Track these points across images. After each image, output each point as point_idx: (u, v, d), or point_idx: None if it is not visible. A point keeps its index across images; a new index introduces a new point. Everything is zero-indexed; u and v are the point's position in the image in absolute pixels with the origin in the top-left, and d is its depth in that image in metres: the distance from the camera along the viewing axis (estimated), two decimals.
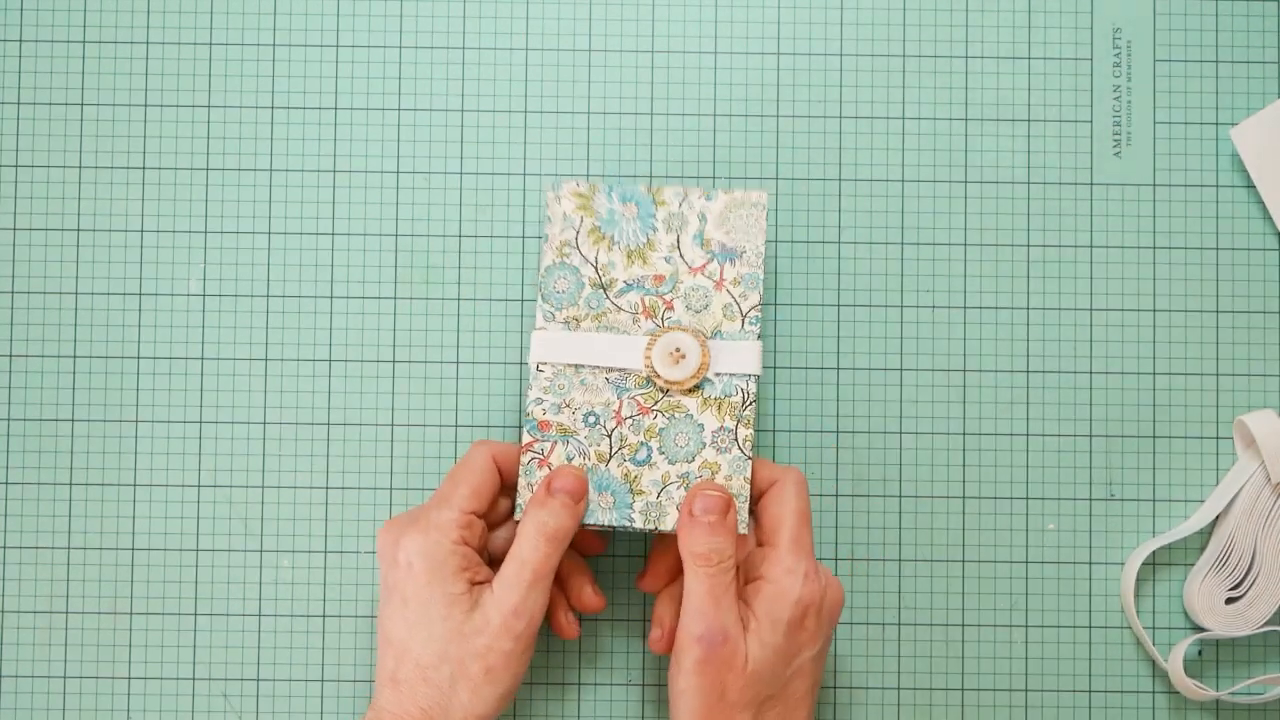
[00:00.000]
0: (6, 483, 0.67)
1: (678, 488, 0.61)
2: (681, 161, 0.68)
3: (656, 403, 0.62)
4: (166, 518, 0.67)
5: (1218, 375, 0.68)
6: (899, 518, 0.67)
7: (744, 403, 0.62)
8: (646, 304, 0.63)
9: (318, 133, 0.68)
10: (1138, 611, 0.67)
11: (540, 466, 0.62)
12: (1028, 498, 0.67)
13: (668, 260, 0.63)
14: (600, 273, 0.63)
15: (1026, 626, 0.67)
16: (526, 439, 0.62)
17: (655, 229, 0.63)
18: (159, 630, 0.67)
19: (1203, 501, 0.67)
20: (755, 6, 0.68)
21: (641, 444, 0.62)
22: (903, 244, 0.68)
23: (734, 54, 0.68)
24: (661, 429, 0.62)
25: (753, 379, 0.62)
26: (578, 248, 0.63)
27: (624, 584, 0.67)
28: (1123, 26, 0.69)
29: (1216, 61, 0.68)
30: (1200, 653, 0.67)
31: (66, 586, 0.67)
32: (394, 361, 0.67)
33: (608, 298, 0.63)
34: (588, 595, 0.64)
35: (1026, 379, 0.68)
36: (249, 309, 0.67)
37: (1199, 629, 0.67)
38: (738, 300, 0.63)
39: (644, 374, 0.62)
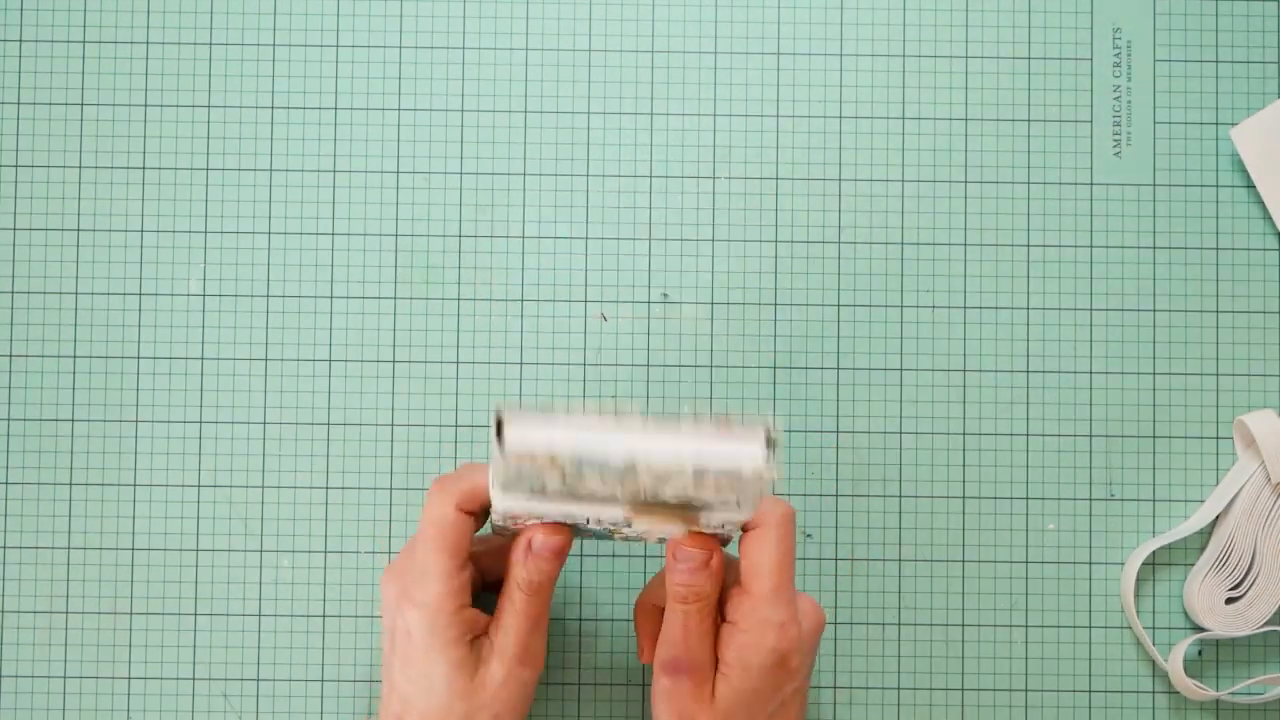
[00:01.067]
0: (6, 483, 0.67)
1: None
2: (681, 161, 0.68)
3: (643, 533, 0.57)
4: (166, 518, 0.67)
5: (1218, 375, 0.68)
6: (899, 518, 0.67)
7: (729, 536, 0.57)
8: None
9: (318, 133, 0.68)
10: (1138, 611, 0.67)
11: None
12: (1028, 498, 0.67)
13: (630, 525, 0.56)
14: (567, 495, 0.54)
15: (1026, 626, 0.67)
16: (498, 522, 0.57)
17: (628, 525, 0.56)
18: (159, 630, 0.67)
19: (1203, 501, 0.67)
20: (755, 6, 0.68)
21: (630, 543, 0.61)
22: (903, 244, 0.68)
23: (734, 54, 0.68)
24: (643, 530, 0.57)
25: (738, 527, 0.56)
26: (546, 494, 0.53)
27: (623, 584, 0.67)
28: (1123, 26, 0.69)
29: (1216, 61, 0.68)
30: (1200, 653, 0.67)
31: (66, 586, 0.67)
32: (394, 361, 0.67)
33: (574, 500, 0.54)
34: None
35: (1026, 379, 0.68)
36: (249, 309, 0.67)
37: (1199, 629, 0.67)
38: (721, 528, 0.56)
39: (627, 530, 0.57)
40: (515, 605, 0.58)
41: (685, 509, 0.54)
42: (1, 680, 0.67)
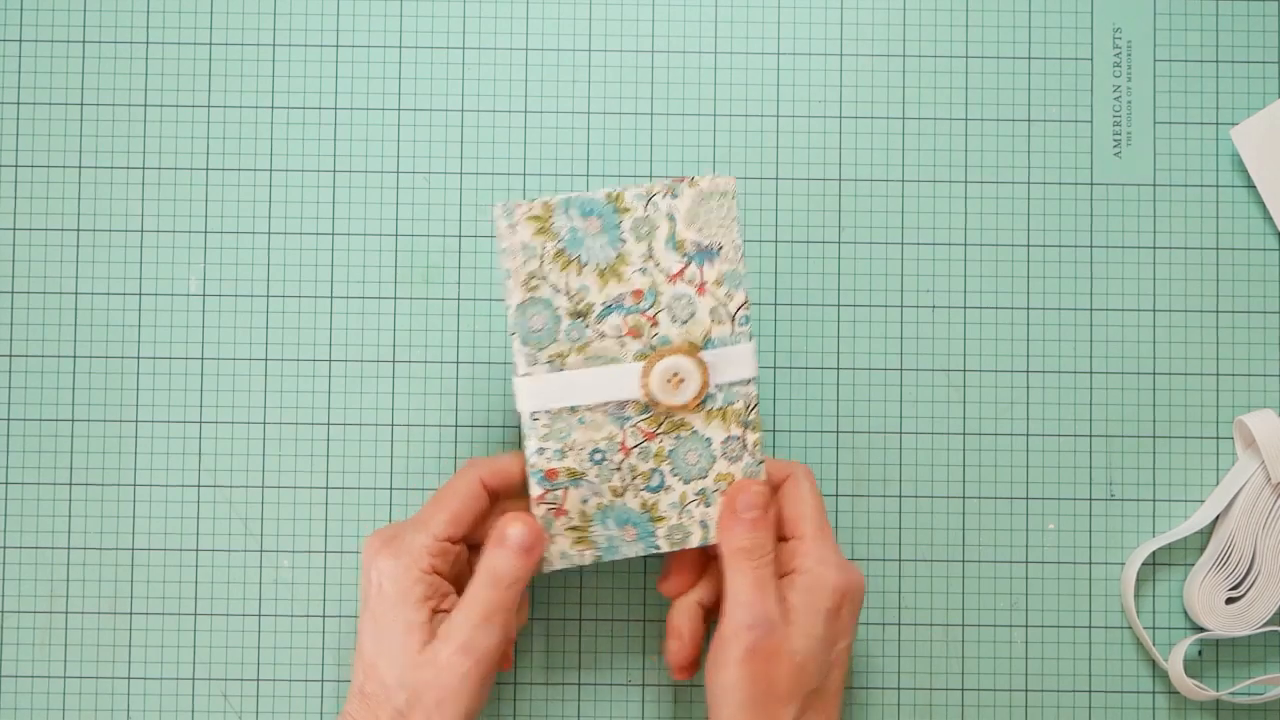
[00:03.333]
0: (6, 483, 0.67)
1: (697, 505, 0.60)
2: (681, 162, 0.68)
3: (660, 425, 0.60)
4: (166, 518, 0.67)
5: (1218, 375, 0.68)
6: (899, 518, 0.67)
7: (747, 408, 0.60)
8: (630, 324, 0.59)
9: (318, 133, 0.68)
10: (1138, 611, 0.67)
11: (558, 516, 0.60)
12: (1028, 498, 0.67)
13: (643, 272, 0.59)
14: (574, 300, 0.59)
15: (1026, 626, 0.67)
16: (537, 491, 0.60)
17: (623, 240, 0.59)
18: (159, 630, 0.67)
19: (1203, 501, 0.67)
20: (755, 6, 0.68)
21: (653, 470, 0.60)
22: (903, 244, 0.68)
23: (734, 54, 0.68)
24: (670, 450, 0.60)
25: (753, 382, 0.60)
26: (545, 278, 0.59)
27: (623, 584, 0.67)
28: (1123, 26, 0.69)
29: (1216, 61, 0.68)
30: (1200, 653, 0.67)
31: (66, 586, 0.67)
32: (394, 361, 0.67)
33: (588, 325, 0.59)
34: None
35: (1026, 379, 0.68)
36: (249, 309, 0.67)
37: (1199, 629, 0.67)
38: (723, 302, 0.59)
39: (643, 401, 0.59)
40: (472, 591, 0.58)
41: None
42: (1, 680, 0.67)
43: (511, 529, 0.59)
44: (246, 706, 0.67)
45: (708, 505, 0.60)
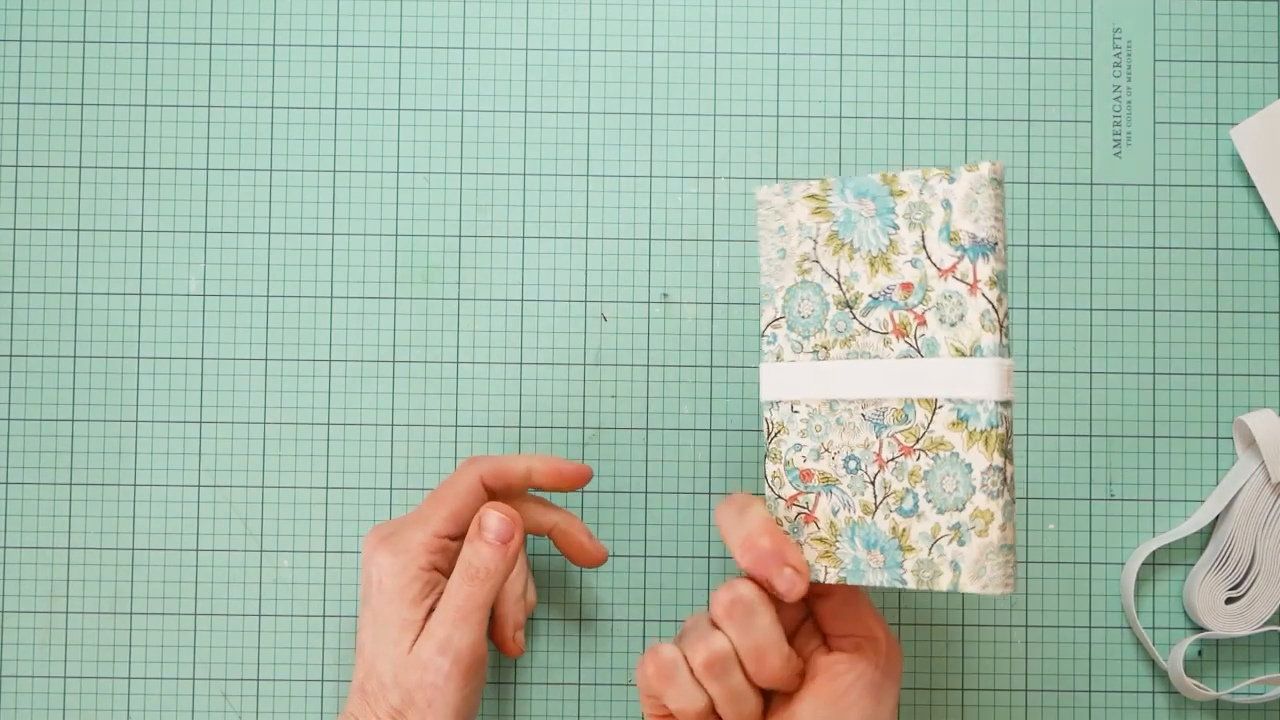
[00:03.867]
0: (6, 483, 0.67)
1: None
2: (681, 162, 0.68)
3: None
4: (166, 518, 0.67)
5: (1218, 375, 0.68)
6: None
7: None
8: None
9: (318, 133, 0.68)
10: (1138, 611, 0.67)
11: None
12: (1028, 498, 0.67)
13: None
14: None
15: (1026, 626, 0.67)
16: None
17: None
18: (159, 630, 0.67)
19: (1203, 501, 0.67)
20: (755, 6, 0.68)
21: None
22: None
23: (734, 54, 0.68)
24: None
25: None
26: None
27: (623, 584, 0.67)
28: (1123, 26, 0.69)
29: (1216, 61, 0.68)
30: (1200, 653, 0.67)
31: (66, 586, 0.67)
32: (394, 361, 0.67)
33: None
34: (585, 549, 0.63)
35: (1027, 379, 0.68)
36: (249, 309, 0.67)
37: (1199, 629, 0.67)
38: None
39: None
40: (450, 587, 0.58)
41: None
42: (1, 680, 0.67)
43: (489, 519, 0.58)
44: (246, 706, 0.67)
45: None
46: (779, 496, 0.56)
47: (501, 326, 0.67)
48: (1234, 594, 0.66)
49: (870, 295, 0.54)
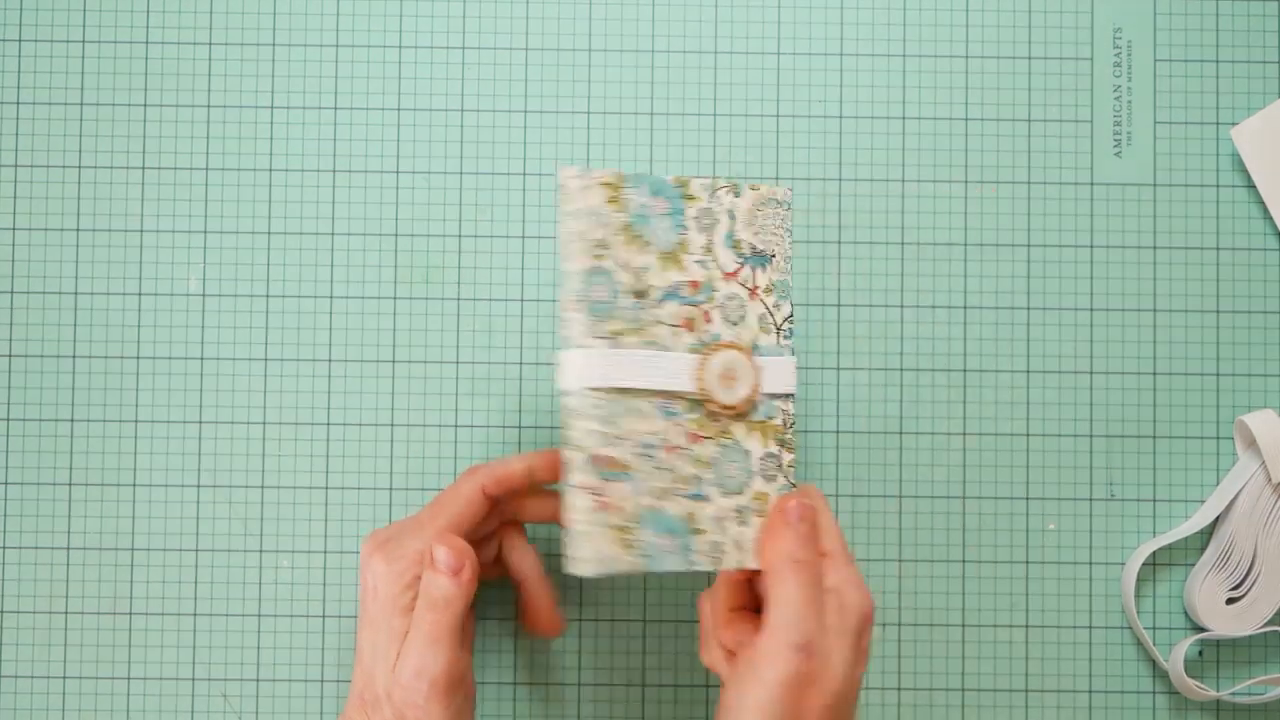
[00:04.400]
0: (6, 483, 0.67)
1: (734, 523, 0.57)
2: (681, 162, 0.68)
3: (706, 429, 0.57)
4: (166, 518, 0.67)
5: (1218, 375, 0.68)
6: (899, 518, 0.67)
7: (785, 425, 0.58)
8: (685, 315, 0.57)
9: (318, 133, 0.68)
10: (1138, 611, 0.67)
11: (601, 510, 0.55)
12: (1028, 498, 0.67)
13: (702, 264, 0.57)
14: (636, 278, 0.56)
15: (1027, 626, 0.67)
16: (580, 479, 0.55)
17: (687, 228, 0.57)
18: (159, 630, 0.67)
19: (1203, 501, 0.67)
20: (755, 6, 0.68)
21: (695, 476, 0.56)
22: (903, 244, 0.68)
23: (734, 54, 0.68)
24: (713, 458, 0.57)
25: (791, 400, 0.58)
26: (610, 248, 0.56)
27: (624, 584, 0.67)
28: (1123, 26, 0.69)
29: (1217, 61, 0.68)
30: (1200, 653, 0.67)
31: (66, 586, 0.67)
32: (394, 361, 0.67)
33: (646, 307, 0.56)
34: (543, 616, 0.63)
35: (1026, 379, 0.68)
36: (249, 309, 0.67)
37: (1199, 629, 0.67)
38: (771, 311, 0.58)
39: (694, 397, 0.56)
40: (416, 616, 0.58)
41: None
42: (1, 680, 0.67)
43: (438, 552, 0.58)
44: (246, 706, 0.67)
45: (743, 525, 0.57)
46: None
47: (501, 326, 0.67)
48: (1234, 594, 0.66)
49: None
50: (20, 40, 0.68)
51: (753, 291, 0.58)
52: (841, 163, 0.68)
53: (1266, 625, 0.66)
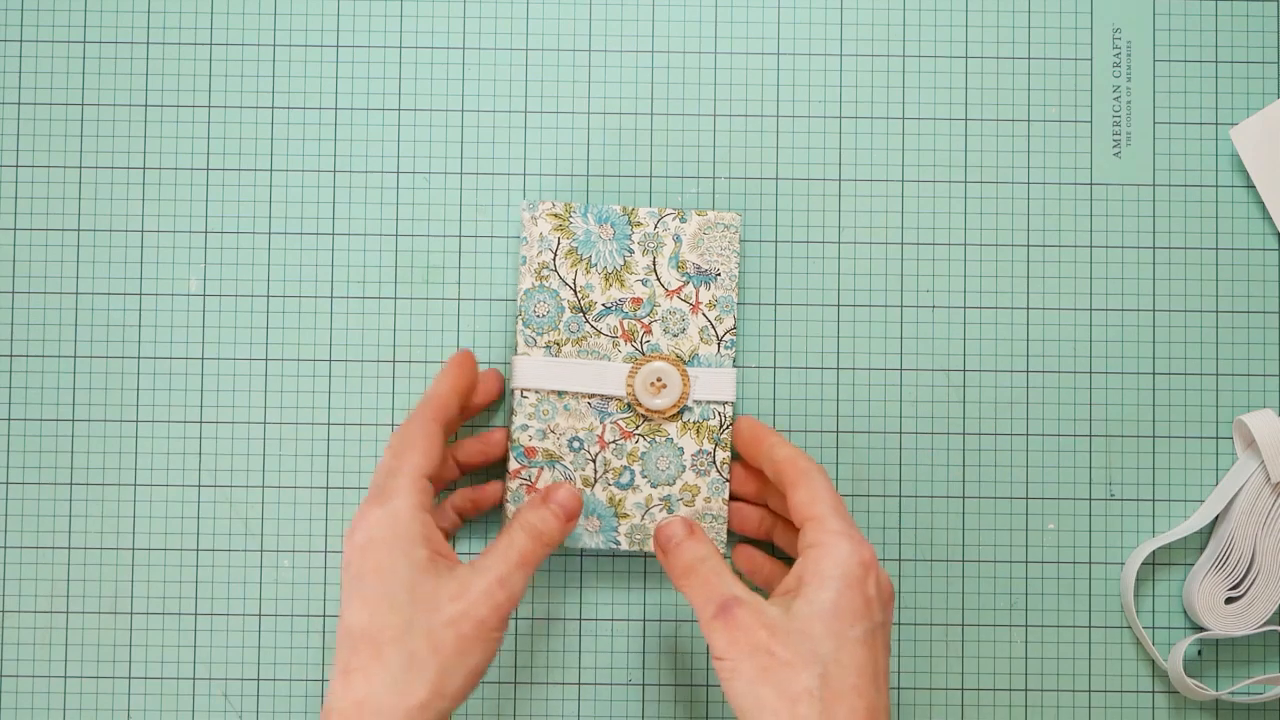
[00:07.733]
0: (6, 483, 0.67)
1: (660, 509, 0.64)
2: (681, 162, 0.68)
3: (638, 427, 0.64)
4: (166, 518, 0.67)
5: (1218, 375, 0.68)
6: (899, 518, 0.67)
7: (721, 426, 0.64)
8: (625, 327, 0.64)
9: (318, 133, 0.68)
10: (1138, 611, 0.67)
11: (528, 492, 0.64)
12: (1028, 498, 0.67)
13: (644, 283, 0.64)
14: (579, 295, 0.64)
15: (1026, 626, 0.67)
16: (514, 465, 0.64)
17: (632, 250, 0.64)
18: (159, 630, 0.67)
19: (1203, 501, 0.67)
20: (755, 6, 0.68)
21: (625, 468, 0.64)
22: (903, 244, 0.68)
23: (734, 54, 0.68)
24: (643, 453, 0.64)
25: (730, 405, 0.64)
26: (555, 270, 0.64)
27: (623, 584, 0.67)
28: (1123, 26, 0.69)
29: (1216, 61, 0.68)
30: (1200, 653, 0.67)
31: (66, 586, 0.67)
32: (394, 361, 0.67)
33: (587, 321, 0.64)
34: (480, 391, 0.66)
35: (1026, 379, 0.68)
36: (249, 309, 0.67)
37: (1199, 629, 0.67)
38: (714, 324, 0.64)
39: (626, 400, 0.64)
40: (513, 541, 0.58)
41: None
42: (2, 680, 0.67)
43: (559, 494, 0.61)
44: (246, 706, 0.67)
45: (669, 511, 0.64)
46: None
47: (501, 326, 0.67)
48: (1234, 594, 0.66)
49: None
50: (21, 40, 0.68)
51: (695, 306, 0.64)
52: (841, 163, 0.68)
53: (1265, 625, 0.66)
